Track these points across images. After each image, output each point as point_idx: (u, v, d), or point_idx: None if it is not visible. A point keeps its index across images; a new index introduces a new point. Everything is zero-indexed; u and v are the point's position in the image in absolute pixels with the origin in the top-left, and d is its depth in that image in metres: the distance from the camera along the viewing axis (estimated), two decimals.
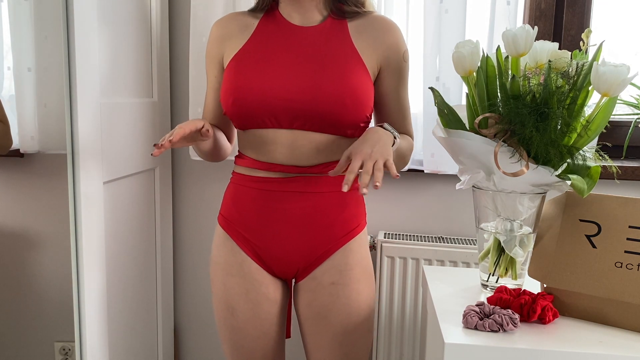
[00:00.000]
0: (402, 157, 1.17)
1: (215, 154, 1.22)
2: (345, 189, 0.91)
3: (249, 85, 1.08)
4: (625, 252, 0.94)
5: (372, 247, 1.59)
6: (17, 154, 1.60)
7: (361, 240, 1.18)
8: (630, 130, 1.51)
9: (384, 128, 1.07)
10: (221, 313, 1.18)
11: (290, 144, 1.11)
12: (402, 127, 1.20)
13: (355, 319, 1.15)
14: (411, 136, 1.23)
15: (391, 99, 1.18)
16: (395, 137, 1.07)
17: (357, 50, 1.12)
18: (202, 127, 1.04)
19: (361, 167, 0.95)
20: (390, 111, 1.19)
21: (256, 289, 1.15)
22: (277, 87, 1.07)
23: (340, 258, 1.14)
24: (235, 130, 1.27)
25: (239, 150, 1.20)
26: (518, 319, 0.91)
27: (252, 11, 1.20)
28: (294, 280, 1.21)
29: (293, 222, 1.12)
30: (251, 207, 1.14)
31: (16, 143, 1.57)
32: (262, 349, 1.18)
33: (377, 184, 0.92)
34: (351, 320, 1.15)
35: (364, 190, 0.91)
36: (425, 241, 1.57)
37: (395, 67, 1.16)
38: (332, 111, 1.07)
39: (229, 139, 1.27)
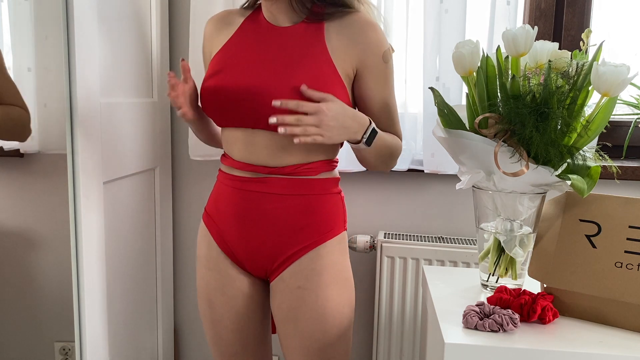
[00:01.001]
0: (385, 157, 1.15)
1: (211, 134, 1.25)
2: (272, 120, 1.00)
3: (218, 86, 1.10)
4: (625, 252, 0.94)
5: (372, 247, 1.59)
6: (17, 154, 1.60)
7: (332, 246, 1.14)
8: (630, 130, 1.51)
9: (371, 127, 1.07)
10: (202, 305, 1.20)
11: (258, 144, 1.10)
12: (389, 129, 1.17)
13: (323, 326, 1.11)
14: (400, 137, 1.20)
15: (374, 102, 1.13)
16: (362, 142, 1.07)
17: (328, 52, 1.08)
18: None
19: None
20: (374, 113, 1.14)
21: (231, 284, 1.17)
22: (242, 88, 1.07)
23: (307, 262, 1.12)
24: None
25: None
26: (518, 319, 0.91)
27: (244, 9, 1.21)
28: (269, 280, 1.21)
29: (263, 223, 1.12)
30: (228, 205, 1.15)
31: (16, 143, 1.58)
32: (241, 342, 1.19)
33: (287, 132, 0.99)
34: (319, 327, 1.11)
35: (281, 130, 0.99)
36: (425, 241, 1.57)
37: (373, 69, 1.11)
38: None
39: None
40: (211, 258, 1.18)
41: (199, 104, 1.18)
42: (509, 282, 1.05)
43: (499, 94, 0.99)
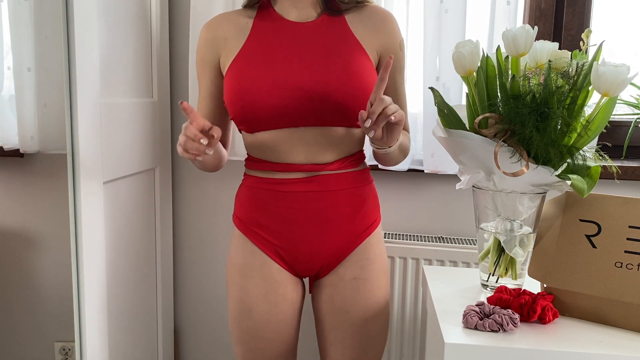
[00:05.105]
0: (403, 150, 1.18)
1: (216, 165, 1.21)
2: (367, 123, 0.95)
3: (256, 88, 1.07)
4: (625, 252, 0.94)
5: None
6: (17, 154, 1.60)
7: (379, 235, 1.20)
8: (630, 130, 1.51)
9: None
10: (237, 314, 1.17)
11: (305, 142, 1.10)
12: None
13: (374, 313, 1.16)
14: (407, 130, 1.24)
15: (389, 90, 1.17)
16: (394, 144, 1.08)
17: (358, 40, 1.12)
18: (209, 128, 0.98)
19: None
20: None
21: (275, 290, 1.14)
22: (286, 86, 1.06)
23: (361, 253, 1.15)
24: (230, 137, 1.27)
25: (248, 154, 1.19)
26: (518, 319, 0.91)
27: (243, 9, 1.18)
28: (310, 277, 1.21)
29: (314, 222, 1.13)
30: (270, 209, 1.13)
31: (16, 143, 1.58)
32: (276, 350, 1.17)
33: (393, 117, 0.95)
34: (371, 314, 1.16)
35: (372, 134, 0.97)
36: (425, 241, 1.57)
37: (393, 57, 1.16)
38: (344, 103, 1.07)
39: (225, 146, 1.26)
40: (254, 265, 1.15)
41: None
42: (509, 282, 1.05)
43: (499, 94, 0.99)
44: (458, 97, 1.49)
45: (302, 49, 1.09)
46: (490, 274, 1.06)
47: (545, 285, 1.01)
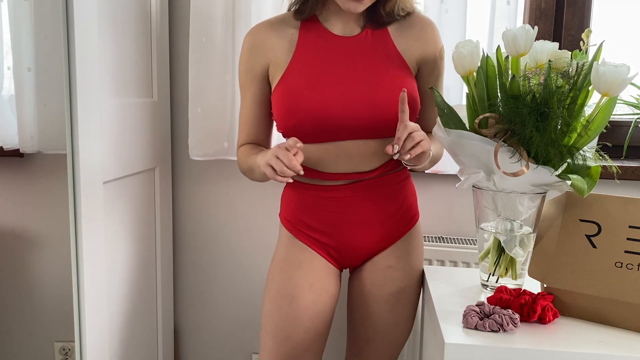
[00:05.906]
0: (433, 162, 1.21)
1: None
2: (395, 149, 1.02)
3: (308, 107, 1.10)
4: (625, 252, 0.94)
5: None
6: (17, 154, 1.60)
7: (419, 228, 1.26)
8: (630, 130, 1.51)
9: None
10: (277, 302, 1.17)
11: (349, 154, 1.15)
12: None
13: (401, 300, 1.20)
14: None
15: (427, 97, 1.20)
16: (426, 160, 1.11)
17: (400, 54, 1.16)
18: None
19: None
20: (424, 109, 1.20)
21: (321, 281, 1.18)
22: (336, 105, 1.10)
23: (400, 245, 1.21)
24: (271, 142, 1.30)
25: None
26: (518, 319, 0.91)
27: (289, 16, 1.19)
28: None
29: (360, 222, 1.18)
30: (317, 213, 1.19)
31: (16, 143, 1.58)
32: (307, 342, 1.17)
33: (407, 157, 1.02)
34: (396, 300, 1.20)
35: (401, 156, 1.02)
36: (425, 241, 1.57)
37: (432, 65, 1.19)
38: (389, 121, 1.10)
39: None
40: (304, 260, 1.19)
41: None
42: (509, 282, 1.05)
43: (499, 94, 0.99)
44: (458, 97, 1.49)
45: (349, 67, 1.13)
46: (490, 274, 1.06)
47: (545, 285, 1.01)
